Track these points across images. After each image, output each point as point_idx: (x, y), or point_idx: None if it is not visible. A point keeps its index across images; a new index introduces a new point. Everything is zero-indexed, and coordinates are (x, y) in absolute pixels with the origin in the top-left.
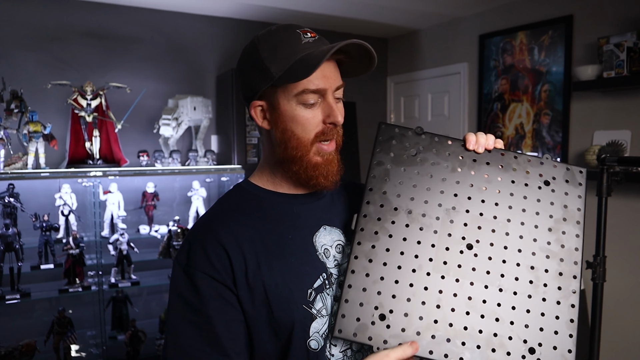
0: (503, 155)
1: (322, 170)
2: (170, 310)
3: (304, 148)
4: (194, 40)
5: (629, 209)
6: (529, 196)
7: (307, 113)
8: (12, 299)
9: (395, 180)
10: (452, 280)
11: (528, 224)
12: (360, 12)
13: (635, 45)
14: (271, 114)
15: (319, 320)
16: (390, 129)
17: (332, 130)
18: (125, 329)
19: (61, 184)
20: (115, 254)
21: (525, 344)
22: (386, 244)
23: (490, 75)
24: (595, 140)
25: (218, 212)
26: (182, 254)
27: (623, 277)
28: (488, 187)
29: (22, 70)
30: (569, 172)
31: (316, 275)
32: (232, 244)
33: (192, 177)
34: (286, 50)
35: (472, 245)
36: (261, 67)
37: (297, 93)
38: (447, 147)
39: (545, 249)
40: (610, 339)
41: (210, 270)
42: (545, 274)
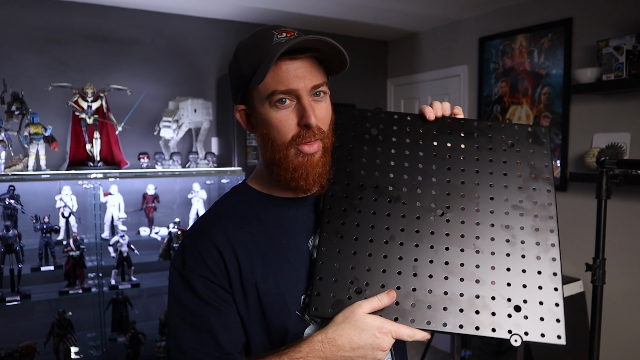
0: (463, 123)
1: (302, 172)
2: (170, 314)
3: (281, 151)
4: (195, 42)
5: (629, 212)
6: (494, 159)
7: (280, 115)
8: (12, 300)
9: (358, 159)
10: (426, 247)
11: (497, 185)
12: (360, 15)
13: (635, 48)
14: (252, 117)
15: (312, 327)
16: (349, 111)
17: (307, 133)
18: (125, 331)
19: (62, 186)
20: (115, 255)
21: (509, 302)
22: (356, 220)
23: (490, 78)
24: (594, 142)
25: (214, 215)
26: (178, 257)
27: (623, 279)
28: (452, 155)
29: (23, 72)
30: (531, 132)
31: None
32: (226, 246)
33: (192, 179)
34: (257, 52)
35: (443, 212)
36: (238, 70)
37: (268, 95)
38: (407, 122)
39: (518, 207)
40: (609, 341)
41: (207, 272)
42: (521, 231)
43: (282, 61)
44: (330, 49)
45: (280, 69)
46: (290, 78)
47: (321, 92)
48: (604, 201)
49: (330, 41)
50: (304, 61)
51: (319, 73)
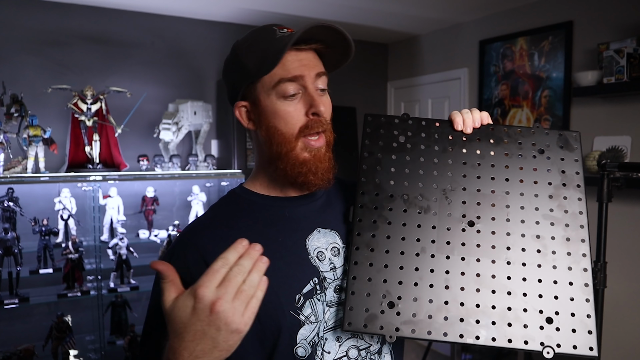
0: (492, 129)
1: (311, 167)
2: (146, 318)
3: (288, 143)
4: (195, 45)
5: (630, 215)
6: (524, 166)
7: (288, 106)
8: (11, 303)
9: (387, 168)
10: (457, 259)
11: (528, 194)
12: (361, 18)
13: (635, 51)
14: (254, 113)
15: (307, 327)
16: (377, 119)
17: (316, 123)
18: (124, 334)
19: (61, 188)
20: (114, 258)
21: (541, 314)
22: (386, 232)
23: (491, 81)
24: (595, 146)
25: (206, 219)
26: (165, 257)
27: (624, 282)
28: (482, 163)
29: (22, 75)
30: (562, 137)
31: (306, 280)
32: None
33: (192, 182)
34: (261, 46)
35: (474, 222)
36: (239, 66)
37: (275, 84)
38: (435, 129)
39: (548, 216)
40: (611, 344)
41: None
42: (552, 241)
43: (288, 52)
44: (335, 36)
45: (286, 58)
46: (296, 66)
47: (324, 88)
48: (605, 204)
49: (337, 27)
50: (308, 52)
51: (319, 63)
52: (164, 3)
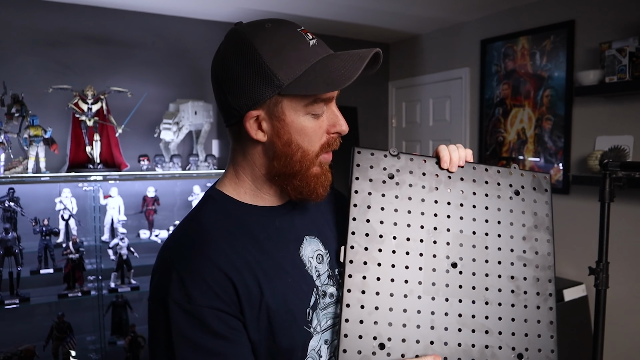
0: (475, 169)
1: (322, 181)
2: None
3: (308, 160)
4: (195, 45)
5: (632, 215)
6: (502, 208)
7: (315, 124)
8: (12, 303)
9: (376, 207)
10: (442, 300)
11: (504, 235)
12: (362, 17)
13: (638, 50)
14: (271, 125)
15: (315, 338)
16: (366, 153)
17: (336, 141)
18: (124, 334)
19: (61, 188)
20: (115, 258)
21: (513, 351)
22: (376, 273)
23: (492, 80)
24: (597, 145)
25: (201, 232)
26: (176, 290)
27: (626, 283)
28: (464, 203)
29: (23, 75)
30: (535, 179)
31: (310, 292)
32: (233, 269)
33: (192, 182)
34: (294, 55)
35: (457, 264)
36: (265, 73)
37: (308, 103)
38: (423, 166)
39: (521, 257)
40: (613, 345)
41: (219, 303)
42: (524, 281)
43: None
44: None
45: None
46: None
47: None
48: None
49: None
50: None
51: None
52: (164, 3)
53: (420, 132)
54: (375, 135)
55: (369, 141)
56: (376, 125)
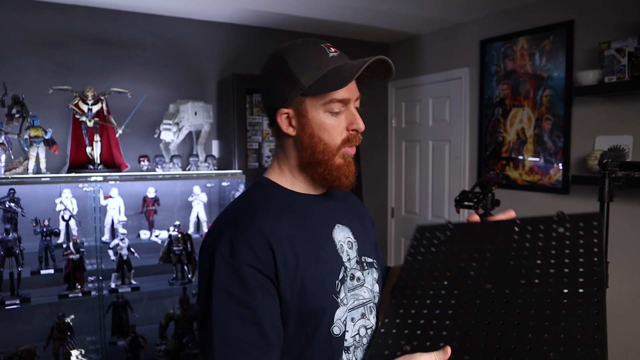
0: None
1: (345, 171)
2: (214, 305)
3: (330, 152)
4: (195, 45)
5: (631, 215)
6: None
7: (333, 121)
8: (12, 304)
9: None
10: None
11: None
12: (362, 18)
13: (637, 50)
14: (298, 121)
15: (341, 308)
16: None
17: (356, 137)
18: (125, 335)
19: (62, 189)
20: (115, 259)
21: None
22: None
23: (492, 81)
24: (597, 145)
25: (251, 206)
26: (224, 246)
27: (625, 282)
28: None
29: (23, 76)
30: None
31: (339, 268)
32: (274, 238)
33: (192, 182)
34: (315, 63)
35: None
36: (290, 78)
37: (325, 102)
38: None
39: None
40: (612, 345)
41: (257, 263)
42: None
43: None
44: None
45: None
46: (346, 89)
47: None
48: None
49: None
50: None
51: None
52: (164, 4)
53: (420, 132)
54: (375, 136)
55: (368, 141)
56: (376, 125)
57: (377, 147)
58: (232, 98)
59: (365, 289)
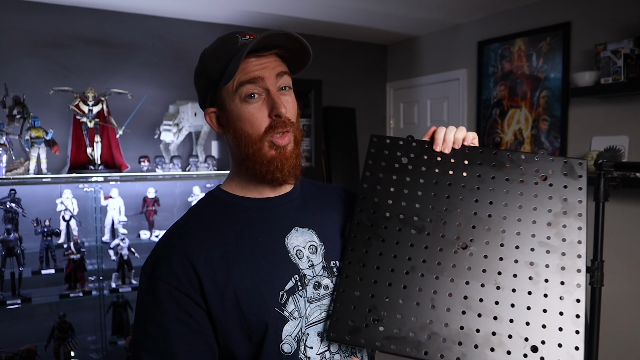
0: (496, 154)
1: (277, 164)
2: (135, 322)
3: (255, 144)
4: (195, 46)
5: (627, 214)
6: (525, 192)
7: (252, 108)
8: (13, 304)
9: (386, 188)
10: (446, 280)
11: (525, 220)
12: (360, 19)
13: (632, 52)
14: (223, 118)
15: (291, 323)
16: (382, 140)
17: (280, 123)
18: (125, 334)
19: (62, 190)
20: (116, 259)
21: (526, 342)
22: (379, 249)
23: (489, 82)
24: (593, 145)
25: (187, 221)
26: (149, 263)
27: (621, 281)
28: (481, 187)
29: (24, 77)
30: (566, 164)
31: (288, 277)
32: (198, 253)
33: (192, 183)
34: (223, 54)
35: (467, 245)
36: (205, 75)
37: (236, 88)
38: (438, 152)
39: (544, 244)
40: (608, 343)
41: (173, 280)
42: (545, 269)
43: (249, 59)
44: (294, 44)
45: (247, 63)
46: (257, 69)
47: (286, 86)
48: (602, 204)
49: (293, 34)
50: (269, 57)
51: (281, 64)
52: (164, 5)
53: (418, 133)
54: None
55: (367, 142)
56: (374, 126)
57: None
58: None
59: None
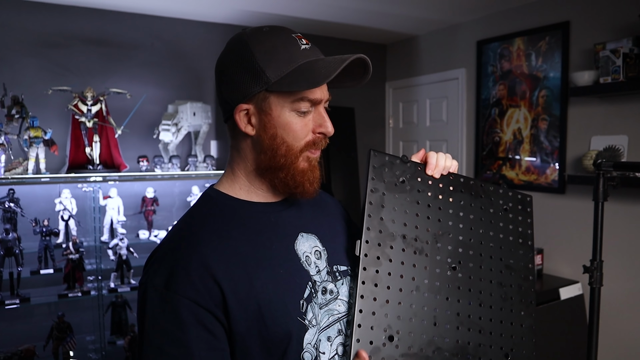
0: (472, 183)
1: (309, 177)
2: (145, 342)
3: (293, 155)
4: (194, 46)
5: (626, 214)
6: (494, 220)
7: (300, 121)
8: (12, 303)
9: (389, 207)
10: (443, 298)
11: (495, 245)
12: (359, 19)
13: (631, 51)
14: (259, 119)
15: (310, 331)
16: (382, 157)
17: (322, 141)
18: (124, 334)
19: (61, 189)
20: (114, 258)
21: (502, 350)
22: (388, 268)
23: (488, 81)
24: (592, 145)
25: (192, 228)
26: (158, 277)
27: (620, 281)
28: (463, 213)
29: (23, 76)
30: (520, 199)
31: (304, 285)
32: (219, 264)
33: (191, 182)
34: (284, 56)
35: (456, 267)
36: (255, 70)
37: (294, 101)
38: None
39: (509, 267)
40: (607, 343)
41: (195, 295)
42: (510, 288)
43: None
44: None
45: None
46: (319, 89)
47: (328, 101)
48: (601, 203)
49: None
50: None
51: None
52: (163, 5)
53: (417, 133)
54: (372, 136)
55: (366, 141)
56: (373, 125)
57: (375, 148)
58: None
59: (340, 301)
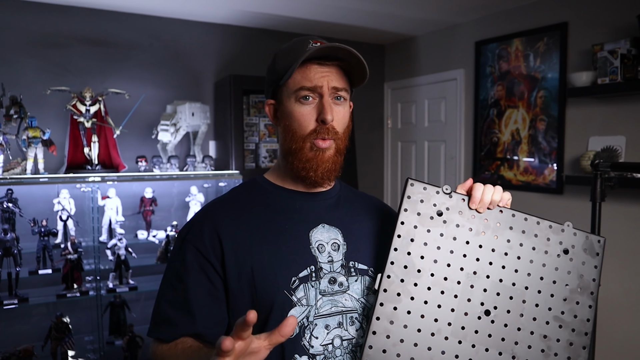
0: (526, 220)
1: (312, 164)
2: (163, 274)
3: (298, 142)
4: (193, 46)
5: (623, 214)
6: (547, 264)
7: (303, 109)
8: (10, 304)
9: (420, 242)
10: (468, 345)
11: (544, 292)
12: (357, 19)
13: (629, 52)
14: (278, 111)
15: (297, 309)
16: (418, 186)
17: (324, 130)
18: (122, 334)
19: (60, 189)
20: (113, 259)
21: None
22: (408, 307)
23: (487, 82)
24: (590, 146)
25: (225, 199)
26: (185, 228)
27: (617, 281)
28: (509, 253)
29: (21, 76)
30: (587, 240)
31: (304, 266)
32: (226, 227)
33: (190, 183)
34: (292, 55)
35: (490, 312)
36: (273, 69)
37: (295, 90)
38: (472, 209)
39: (558, 318)
40: (605, 343)
41: (200, 245)
42: (556, 343)
43: (312, 65)
44: (354, 60)
45: (310, 70)
46: (317, 77)
47: (341, 96)
48: (599, 204)
49: (352, 51)
50: (330, 67)
51: (342, 79)
52: (161, 5)
53: (415, 133)
54: (371, 136)
55: (365, 142)
56: (372, 126)
57: (373, 148)
58: (229, 99)
59: (349, 296)
